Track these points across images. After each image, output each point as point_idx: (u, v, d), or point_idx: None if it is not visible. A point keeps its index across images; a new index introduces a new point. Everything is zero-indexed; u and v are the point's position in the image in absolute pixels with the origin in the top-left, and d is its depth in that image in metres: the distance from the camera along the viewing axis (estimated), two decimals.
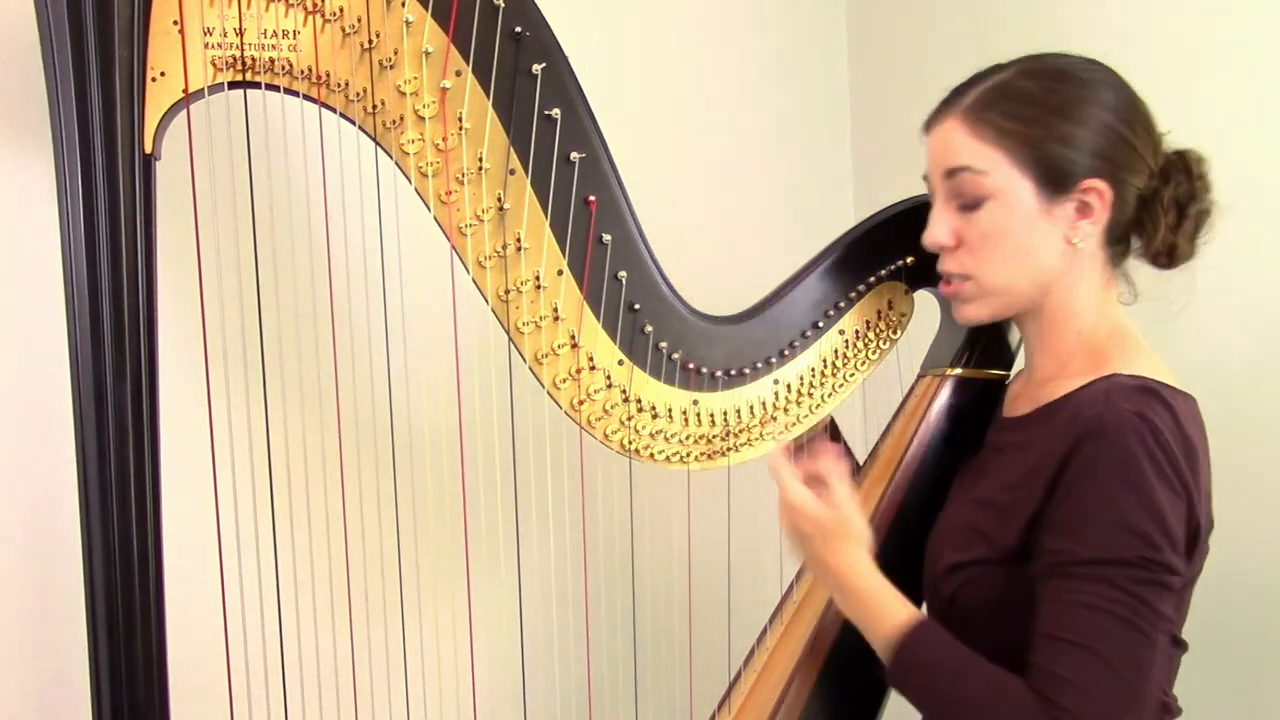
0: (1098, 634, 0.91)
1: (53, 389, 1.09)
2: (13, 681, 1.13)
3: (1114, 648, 0.91)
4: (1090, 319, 1.04)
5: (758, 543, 1.38)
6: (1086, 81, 1.01)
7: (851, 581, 1.05)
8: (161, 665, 0.96)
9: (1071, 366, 1.04)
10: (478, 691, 1.29)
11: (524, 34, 1.03)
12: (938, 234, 1.06)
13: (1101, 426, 0.93)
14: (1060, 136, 1.00)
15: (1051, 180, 1.00)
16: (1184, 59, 1.57)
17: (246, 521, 1.04)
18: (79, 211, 0.92)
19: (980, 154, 1.01)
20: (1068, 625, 0.92)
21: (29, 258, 1.12)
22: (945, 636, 1.00)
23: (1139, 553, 0.91)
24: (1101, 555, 0.91)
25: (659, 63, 1.76)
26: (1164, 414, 0.94)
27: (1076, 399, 0.98)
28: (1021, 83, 1.02)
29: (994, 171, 1.01)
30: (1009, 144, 1.00)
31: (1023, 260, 1.03)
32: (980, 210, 1.03)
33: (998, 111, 1.01)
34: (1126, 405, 0.93)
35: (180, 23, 0.95)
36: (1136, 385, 0.96)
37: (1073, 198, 1.00)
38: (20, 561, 1.13)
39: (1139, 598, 0.91)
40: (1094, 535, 0.92)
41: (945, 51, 1.90)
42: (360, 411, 1.30)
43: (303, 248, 1.30)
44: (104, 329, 0.93)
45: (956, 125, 1.03)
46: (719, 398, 1.17)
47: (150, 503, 0.95)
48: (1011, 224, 1.02)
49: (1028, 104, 1.01)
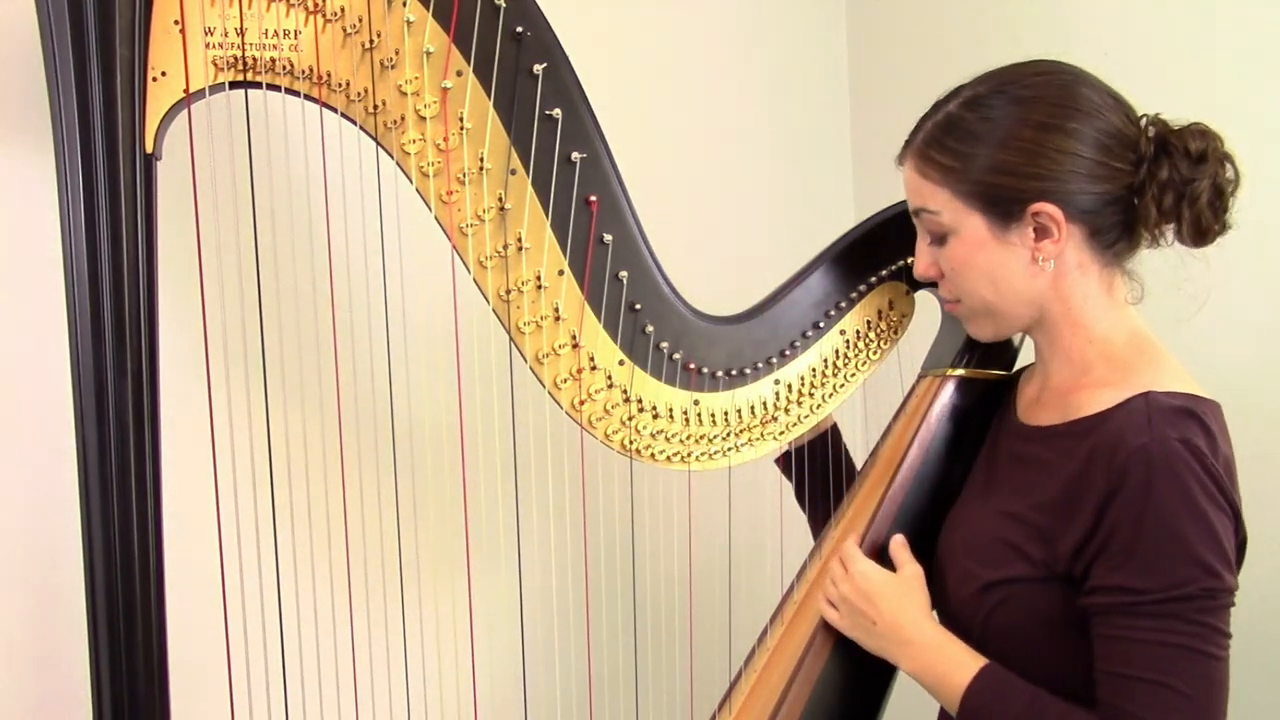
0: (1172, 669, 0.91)
1: (54, 386, 1.09)
2: (13, 680, 1.13)
3: (1189, 679, 0.91)
4: (1100, 327, 1.03)
5: (758, 543, 1.38)
6: (1023, 101, 0.99)
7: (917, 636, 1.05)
8: (162, 661, 0.96)
9: (1092, 375, 1.02)
10: (478, 692, 1.29)
11: (525, 34, 1.03)
12: (919, 268, 1.10)
13: (1150, 458, 0.92)
14: (995, 167, 0.99)
15: (998, 210, 1.00)
16: (1184, 58, 1.57)
17: (247, 518, 1.04)
18: (80, 211, 0.92)
19: (932, 195, 1.03)
20: (1140, 663, 0.92)
21: (30, 257, 1.12)
22: (1010, 678, 1.00)
23: (1203, 584, 0.91)
24: (1170, 593, 0.91)
25: (660, 63, 1.76)
26: (1205, 436, 0.94)
27: (1116, 420, 0.96)
28: (960, 114, 1.02)
29: (945, 210, 1.03)
30: (952, 181, 1.01)
31: (996, 287, 1.03)
32: (945, 246, 1.05)
33: (939, 149, 1.02)
34: (1172, 433, 0.92)
35: (181, 22, 0.95)
36: (1177, 407, 0.95)
37: (1026, 222, 1.00)
38: (20, 558, 1.13)
39: (1207, 625, 0.92)
40: (1159, 572, 0.92)
41: (945, 51, 1.90)
42: (361, 412, 1.30)
43: (303, 247, 1.30)
44: (105, 327, 0.93)
45: (911, 167, 1.05)
46: (720, 398, 1.17)
47: (150, 499, 0.95)
48: (973, 257, 1.03)
49: (964, 138, 1.01)
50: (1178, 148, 0.99)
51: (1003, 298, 1.04)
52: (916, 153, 1.04)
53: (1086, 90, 1.00)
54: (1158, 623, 0.92)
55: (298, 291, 1.28)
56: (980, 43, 1.83)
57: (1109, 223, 1.01)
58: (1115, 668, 0.94)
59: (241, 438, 1.07)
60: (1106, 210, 1.00)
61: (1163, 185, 0.98)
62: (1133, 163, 0.99)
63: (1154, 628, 0.92)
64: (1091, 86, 1.01)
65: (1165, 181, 0.98)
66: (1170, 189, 0.99)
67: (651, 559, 1.46)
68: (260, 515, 1.04)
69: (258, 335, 1.12)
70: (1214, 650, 0.92)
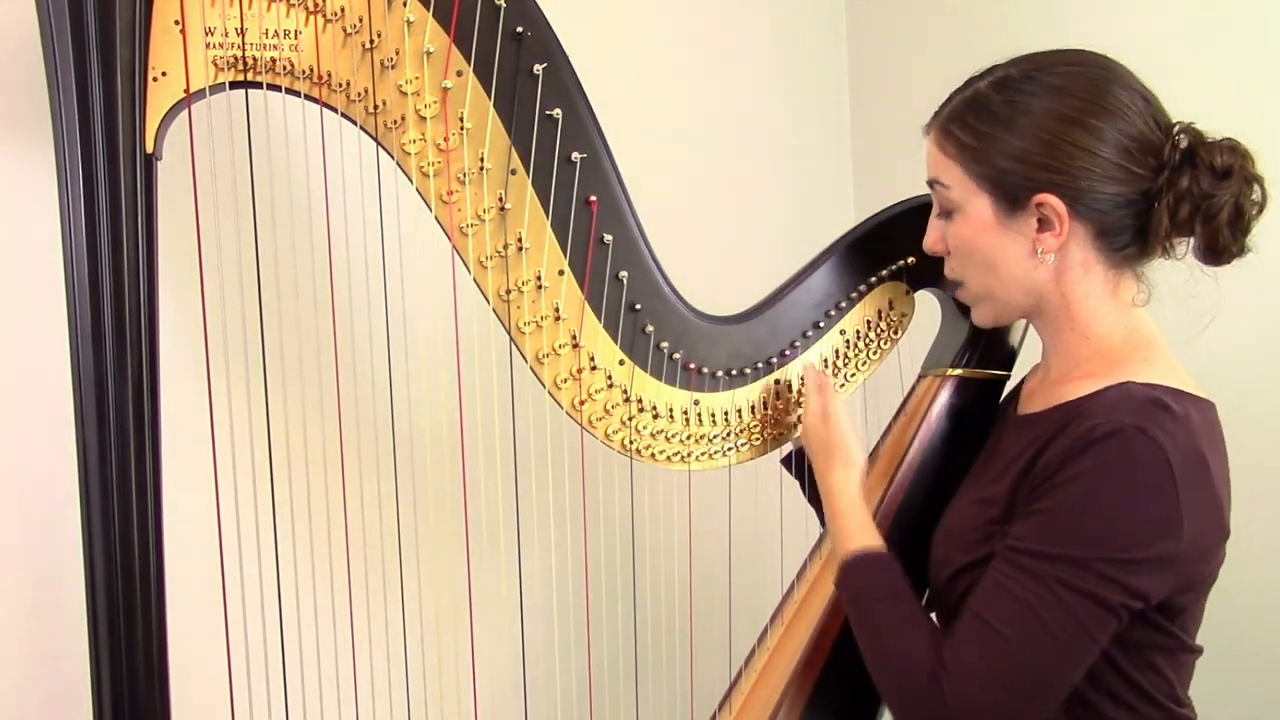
0: (1010, 622, 0.93)
1: (54, 387, 1.09)
2: (13, 680, 1.13)
3: (1019, 640, 0.93)
4: (1100, 325, 1.02)
5: (758, 542, 1.38)
6: (1052, 90, 0.98)
7: (833, 501, 1.13)
8: (162, 661, 0.96)
9: (1084, 369, 1.02)
10: (478, 691, 1.29)
11: (525, 34, 1.03)
12: (928, 240, 1.09)
13: (1100, 436, 0.92)
14: (1011, 152, 0.98)
15: (1005, 196, 1.00)
16: (1185, 57, 1.57)
17: (247, 519, 1.04)
18: (80, 211, 0.92)
19: (946, 169, 1.03)
20: (989, 606, 0.95)
21: (31, 257, 1.11)
22: (897, 571, 1.05)
23: (1082, 559, 0.91)
24: (1046, 550, 0.93)
25: (660, 63, 1.76)
26: (1171, 427, 0.92)
27: (1087, 405, 0.97)
28: (988, 93, 1.01)
29: (955, 186, 1.03)
30: (967, 160, 1.01)
31: (993, 271, 1.03)
32: (952, 221, 1.05)
33: (961, 125, 1.02)
34: (1129, 418, 0.92)
35: (181, 22, 0.95)
36: (1147, 397, 0.94)
37: (1030, 212, 0.99)
38: (20, 559, 1.13)
39: (1061, 603, 0.92)
40: (1049, 532, 0.93)
41: (945, 51, 1.90)
42: (361, 411, 1.30)
43: (304, 247, 1.30)
44: (105, 328, 0.93)
45: (933, 138, 1.05)
46: (720, 398, 1.17)
47: (151, 500, 0.95)
48: (973, 237, 1.03)
49: (986, 119, 1.00)
50: (1204, 160, 0.97)
51: (1002, 283, 1.04)
52: (940, 126, 1.04)
53: (1117, 88, 0.98)
54: (1025, 578, 0.93)
55: (298, 291, 1.28)
56: (980, 43, 1.82)
57: (1120, 225, 0.99)
58: (973, 602, 0.97)
59: (241, 438, 1.07)
60: (1118, 212, 0.98)
61: (1179, 195, 0.96)
62: (1153, 169, 0.97)
63: (1020, 582, 0.94)
64: (1124, 85, 0.99)
65: (1183, 192, 0.96)
66: (1187, 200, 0.97)
67: (651, 559, 1.46)
68: (260, 515, 1.04)
69: (258, 335, 1.12)
70: (1057, 630, 0.92)
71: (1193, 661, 1.02)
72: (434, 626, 1.28)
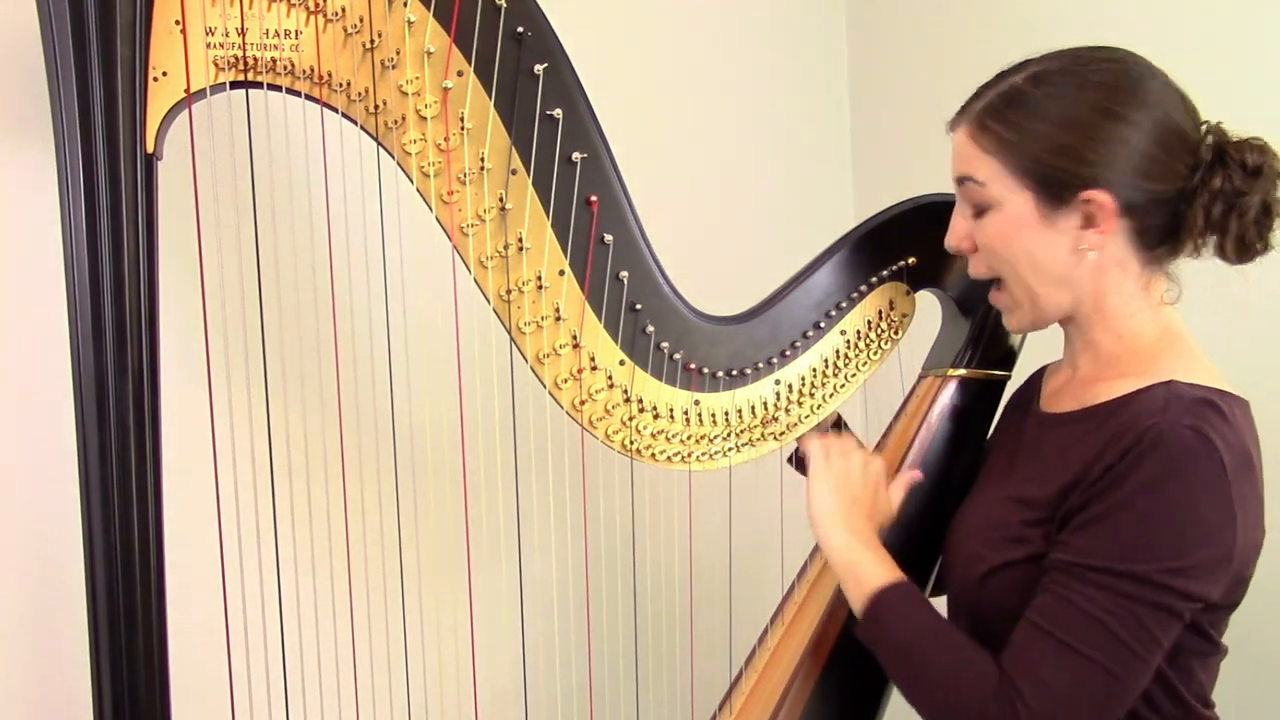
0: (1084, 638, 0.91)
1: (54, 386, 1.09)
2: (13, 680, 1.13)
3: (1095, 656, 0.91)
4: (1132, 323, 1.01)
5: (759, 543, 1.38)
6: (1092, 85, 0.98)
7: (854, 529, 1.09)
8: (162, 661, 0.96)
9: (1118, 368, 1.01)
10: (478, 692, 1.29)
11: (526, 34, 1.03)
12: (951, 239, 1.07)
13: (1155, 440, 0.90)
14: (1057, 148, 0.97)
15: (1050, 192, 0.98)
16: (1185, 57, 1.57)
17: (247, 518, 1.04)
18: (81, 211, 0.92)
19: (981, 164, 1.01)
20: (1058, 621, 0.92)
21: (31, 256, 1.12)
22: (924, 599, 1.02)
23: (1152, 572, 0.90)
24: (1116, 567, 0.91)
25: (660, 63, 1.76)
26: (1222, 426, 0.92)
27: (1134, 405, 0.95)
28: (1028, 89, 0.99)
29: (993, 183, 1.00)
30: (1008, 155, 0.99)
31: (1033, 270, 1.01)
32: (985, 218, 1.02)
33: (1000, 120, 1.00)
34: (1184, 420, 0.91)
35: (182, 22, 0.95)
36: (1197, 397, 0.93)
37: (1075, 208, 0.98)
38: (20, 558, 1.13)
39: (1135, 617, 0.90)
40: (1116, 545, 0.91)
41: (945, 52, 1.90)
42: (362, 411, 1.30)
43: (304, 247, 1.30)
44: (105, 327, 0.93)
45: (965, 132, 1.02)
46: (720, 398, 1.17)
47: (151, 499, 0.95)
48: (1013, 234, 1.01)
49: (1029, 113, 0.98)
50: (1234, 159, 0.97)
51: (1040, 281, 1.01)
52: (974, 119, 1.02)
53: (1156, 84, 0.98)
54: (1092, 590, 0.91)
55: (298, 291, 1.28)
56: (980, 43, 1.83)
57: (1155, 224, 0.98)
58: (1036, 617, 0.94)
59: (242, 437, 1.07)
60: (1155, 210, 0.98)
61: (1214, 194, 0.96)
62: (1190, 166, 0.97)
63: (1087, 594, 0.92)
64: (1162, 82, 0.99)
65: (1218, 191, 0.96)
66: (1221, 199, 0.96)
67: (652, 559, 1.46)
68: (261, 515, 1.04)
69: (258, 335, 1.12)
70: (1135, 645, 0.91)
71: (1219, 663, 1.01)
72: (434, 626, 1.28)
